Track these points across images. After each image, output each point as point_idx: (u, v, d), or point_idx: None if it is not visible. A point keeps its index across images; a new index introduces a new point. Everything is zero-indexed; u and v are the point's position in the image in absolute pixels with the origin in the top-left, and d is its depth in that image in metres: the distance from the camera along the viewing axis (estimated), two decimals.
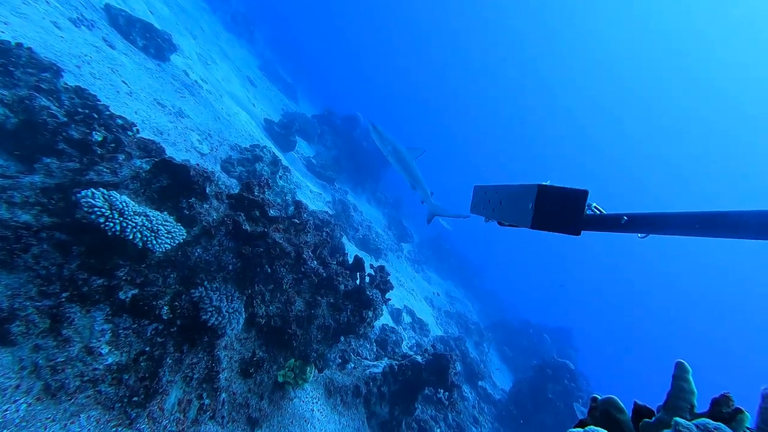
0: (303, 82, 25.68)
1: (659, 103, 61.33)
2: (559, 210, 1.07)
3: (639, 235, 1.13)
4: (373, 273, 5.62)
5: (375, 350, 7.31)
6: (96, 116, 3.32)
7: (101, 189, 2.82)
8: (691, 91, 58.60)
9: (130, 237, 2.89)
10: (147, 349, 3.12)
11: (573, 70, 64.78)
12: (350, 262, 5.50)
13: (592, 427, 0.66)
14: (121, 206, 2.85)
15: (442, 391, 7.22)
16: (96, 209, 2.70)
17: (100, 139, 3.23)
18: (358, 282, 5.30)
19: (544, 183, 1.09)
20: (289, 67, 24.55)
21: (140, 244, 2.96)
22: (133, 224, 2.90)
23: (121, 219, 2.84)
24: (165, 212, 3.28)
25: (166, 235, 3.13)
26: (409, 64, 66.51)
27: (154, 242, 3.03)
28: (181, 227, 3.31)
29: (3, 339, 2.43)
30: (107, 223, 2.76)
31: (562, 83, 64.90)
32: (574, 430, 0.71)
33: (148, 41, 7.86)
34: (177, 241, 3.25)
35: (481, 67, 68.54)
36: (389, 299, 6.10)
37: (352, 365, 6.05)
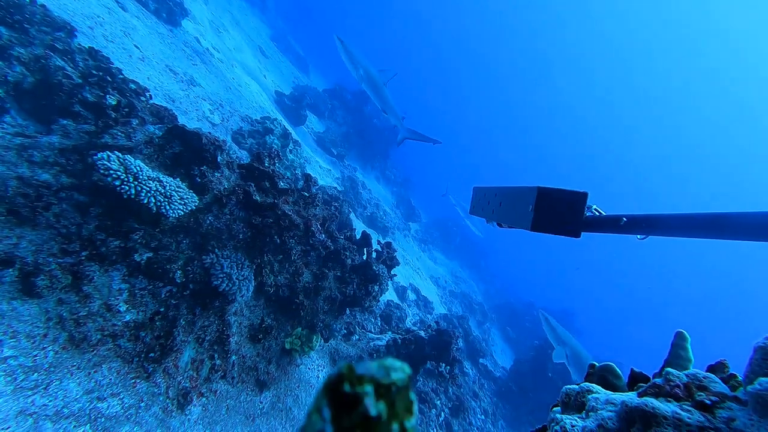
0: (315, 55, 24.97)
1: (665, 103, 58.73)
2: (559, 212, 1.07)
3: (638, 236, 1.13)
4: (379, 249, 5.69)
5: (379, 324, 7.50)
6: (110, 79, 3.33)
7: (116, 152, 2.87)
8: (698, 91, 55.85)
9: (145, 201, 2.96)
10: (162, 309, 3.27)
11: (577, 67, 62.05)
12: (358, 238, 5.56)
13: (586, 383, 0.68)
14: (135, 170, 2.91)
15: (443, 365, 7.43)
16: (112, 172, 2.76)
17: (114, 102, 3.25)
18: (364, 257, 5.38)
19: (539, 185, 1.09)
20: (301, 38, 23.85)
21: (154, 209, 3.03)
22: (148, 189, 2.96)
23: (136, 183, 2.90)
24: (177, 179, 3.34)
25: (179, 201, 3.20)
26: (419, 50, 64.66)
27: (168, 207, 3.10)
28: (194, 194, 3.37)
29: (30, 291, 2.58)
30: (122, 186, 2.83)
31: (566, 79, 62.42)
32: (571, 386, 0.73)
33: (160, 4, 7.70)
34: (189, 208, 3.32)
35: (486, 62, 66.19)
36: (395, 275, 6.19)
37: (357, 337, 6.24)
